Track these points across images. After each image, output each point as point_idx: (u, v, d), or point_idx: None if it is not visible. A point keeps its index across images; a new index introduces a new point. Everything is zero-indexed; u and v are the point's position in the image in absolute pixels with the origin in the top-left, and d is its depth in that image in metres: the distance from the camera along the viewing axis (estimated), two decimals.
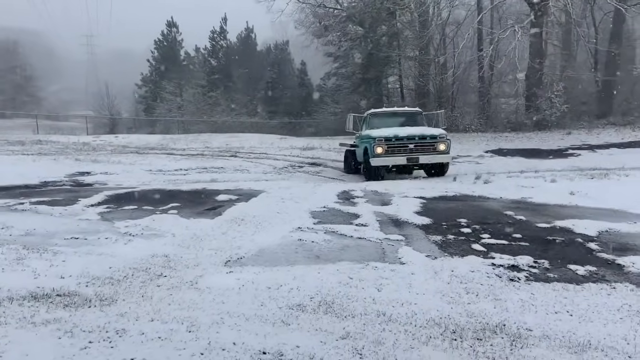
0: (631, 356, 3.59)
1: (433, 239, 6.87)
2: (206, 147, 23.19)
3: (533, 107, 23.67)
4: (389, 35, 30.99)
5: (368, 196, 9.99)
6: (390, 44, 31.12)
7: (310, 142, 24.28)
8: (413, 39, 30.02)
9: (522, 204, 9.12)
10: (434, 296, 4.82)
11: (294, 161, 17.52)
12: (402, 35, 31.29)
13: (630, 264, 5.65)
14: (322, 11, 31.81)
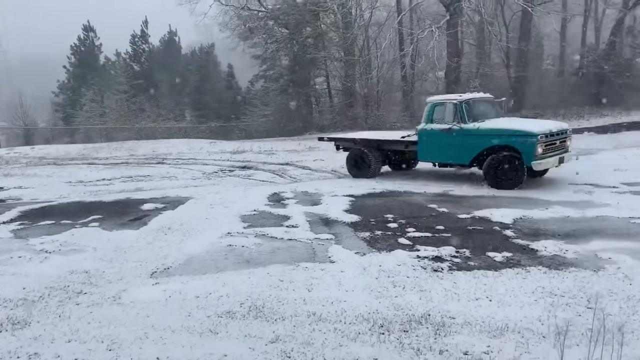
0: (545, 336, 3.82)
1: (362, 235, 7.00)
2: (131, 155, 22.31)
3: None
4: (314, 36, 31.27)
5: (298, 197, 10.02)
6: (316, 45, 31.41)
7: (240, 146, 24.02)
8: (337, 41, 30.49)
9: (445, 196, 9.50)
10: (363, 292, 4.91)
11: (224, 165, 17.24)
12: (327, 36, 31.68)
13: (543, 248, 6.04)
14: (247, 13, 31.53)
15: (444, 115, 10.61)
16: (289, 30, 30.54)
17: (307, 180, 13.07)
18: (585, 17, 30.56)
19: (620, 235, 6.40)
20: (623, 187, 9.38)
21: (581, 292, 4.65)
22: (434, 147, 10.87)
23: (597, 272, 5.19)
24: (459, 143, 10.42)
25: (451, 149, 10.56)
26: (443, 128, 10.57)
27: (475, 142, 10.19)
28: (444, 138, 10.58)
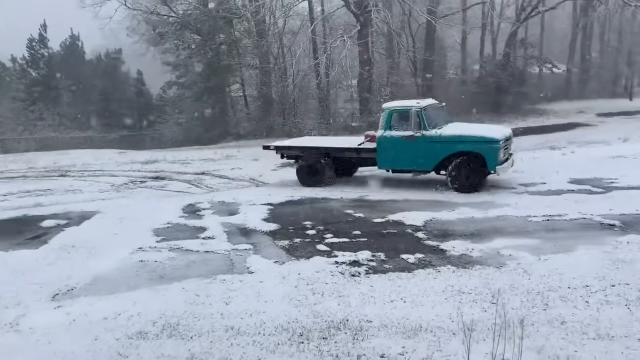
0: (455, 333, 4.01)
1: (280, 244, 6.98)
2: (30, 168, 20.66)
3: (366, 110, 25.57)
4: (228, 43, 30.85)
5: (215, 207, 9.80)
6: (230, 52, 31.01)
7: (153, 155, 23.06)
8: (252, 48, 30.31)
9: (361, 202, 9.73)
10: (283, 301, 4.88)
11: (134, 176, 16.46)
12: (241, 43, 31.40)
13: (451, 248, 6.36)
14: (156, 18, 30.41)
15: (404, 122, 10.48)
16: (202, 37, 29.90)
17: (225, 189, 12.81)
18: (482, 30, 32.87)
19: (519, 233, 6.90)
20: (520, 187, 10.12)
21: (486, 289, 4.94)
22: (395, 154, 10.65)
23: (499, 268, 5.55)
24: (421, 149, 10.34)
25: (413, 155, 10.45)
26: (405, 135, 10.40)
27: (440, 148, 10.22)
28: (406, 145, 10.41)
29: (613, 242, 6.20)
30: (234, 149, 22.69)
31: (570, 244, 6.22)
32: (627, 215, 7.43)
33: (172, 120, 37.18)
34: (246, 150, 21.96)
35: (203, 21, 29.01)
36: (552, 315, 4.31)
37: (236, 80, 33.10)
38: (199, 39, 30.46)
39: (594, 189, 9.41)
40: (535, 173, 11.33)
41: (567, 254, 5.90)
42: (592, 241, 6.31)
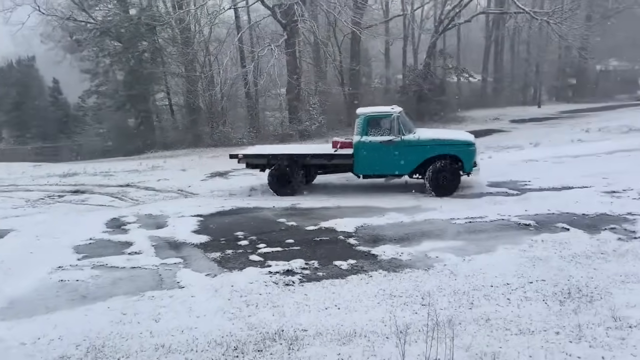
0: (388, 337, 4.10)
1: (212, 256, 6.83)
2: None
3: (296, 119, 25.70)
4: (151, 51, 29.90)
5: (142, 221, 9.43)
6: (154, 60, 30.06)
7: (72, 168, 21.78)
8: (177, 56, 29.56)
9: (293, 210, 9.74)
10: (216, 315, 4.78)
11: (52, 191, 15.48)
12: (166, 51, 30.55)
13: (382, 253, 6.52)
14: (73, 24, 28.93)
15: (380, 127, 10.55)
16: (123, 44, 28.79)
17: (151, 201, 12.36)
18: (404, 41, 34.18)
19: (444, 236, 7.20)
20: None
21: (416, 291, 5.11)
22: (373, 160, 10.60)
23: (428, 270, 5.76)
24: (400, 154, 10.46)
25: (392, 160, 10.52)
26: (383, 140, 10.47)
27: (419, 152, 10.41)
28: (384, 150, 10.47)
29: (529, 241, 6.62)
30: (160, 160, 21.96)
31: (491, 244, 6.58)
32: (540, 215, 7.97)
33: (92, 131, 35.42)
34: (173, 161, 21.35)
35: (124, 28, 27.98)
36: (477, 314, 4.52)
37: (161, 88, 32.12)
38: (119, 46, 29.30)
39: (510, 191, 10.02)
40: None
41: (489, 254, 6.24)
42: (510, 241, 6.71)
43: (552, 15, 24.75)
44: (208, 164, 19.43)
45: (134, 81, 29.53)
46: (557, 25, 24.31)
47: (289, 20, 23.36)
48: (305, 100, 26.20)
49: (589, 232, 6.91)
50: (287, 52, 24.77)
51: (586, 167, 12.28)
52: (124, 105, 30.95)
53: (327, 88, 28.01)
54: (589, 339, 3.90)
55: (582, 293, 4.88)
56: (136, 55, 29.14)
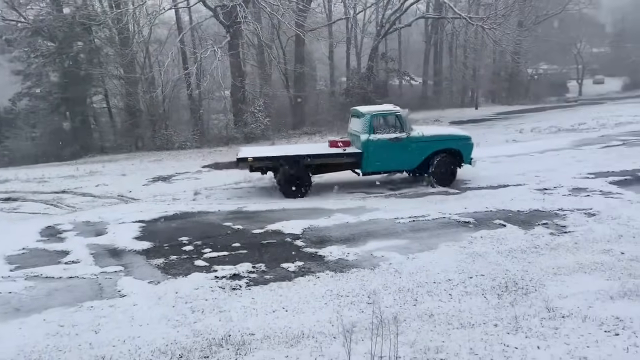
0: (336, 336, 4.15)
1: (155, 263, 6.64)
2: None
3: (241, 121, 25.42)
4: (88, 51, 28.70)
5: (79, 228, 9.03)
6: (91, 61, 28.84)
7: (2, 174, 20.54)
8: (115, 57, 28.54)
9: (239, 213, 9.63)
10: (160, 323, 4.65)
11: None
12: (103, 52, 29.42)
13: (329, 254, 6.57)
14: (2, 24, 27.35)
15: (386, 125, 10.77)
16: (57, 44, 27.48)
17: (89, 208, 11.85)
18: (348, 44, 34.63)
19: (389, 235, 7.36)
20: (388, 192, 10.80)
21: (362, 290, 5.18)
22: (382, 157, 10.71)
23: (373, 269, 5.86)
24: (407, 150, 10.75)
25: (399, 156, 10.77)
26: (391, 137, 10.67)
27: (424, 147, 10.86)
28: (392, 147, 10.66)
29: (469, 238, 6.88)
30: (99, 164, 21.11)
31: (433, 242, 6.79)
32: (478, 213, 8.30)
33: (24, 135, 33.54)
34: (112, 165, 20.57)
35: (57, 27, 26.70)
36: (421, 310, 4.65)
37: (99, 90, 30.89)
38: (53, 47, 27.95)
39: (451, 191, 10.37)
40: (402, 177, 12.17)
41: (431, 251, 6.43)
42: (451, 238, 6.95)
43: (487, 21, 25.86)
44: (150, 168, 18.87)
45: (70, 83, 28.21)
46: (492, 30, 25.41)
47: (231, 22, 23.09)
48: (250, 103, 25.99)
49: (523, 228, 7.26)
50: (231, 54, 24.49)
51: (520, 166, 12.90)
52: (58, 108, 29.51)
53: (272, 90, 27.93)
54: (525, 330, 4.10)
55: (518, 286, 5.12)
56: (71, 55, 27.88)
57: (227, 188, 12.80)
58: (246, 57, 28.04)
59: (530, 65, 43.69)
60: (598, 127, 21.42)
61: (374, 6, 33.53)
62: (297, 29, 24.09)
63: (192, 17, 28.45)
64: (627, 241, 6.46)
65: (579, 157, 13.61)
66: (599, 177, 10.76)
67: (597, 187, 9.73)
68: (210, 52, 22.16)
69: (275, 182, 11.29)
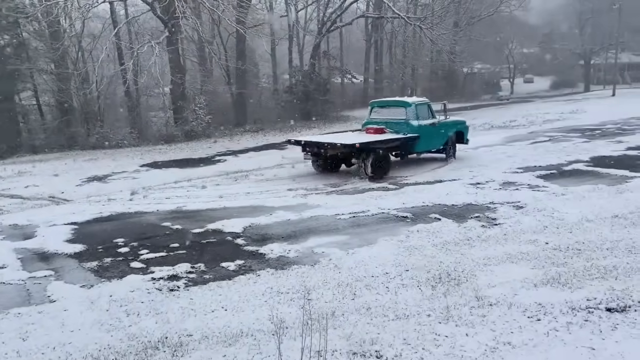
0: (274, 334, 4.16)
1: (88, 266, 6.40)
2: None
3: (181, 119, 24.87)
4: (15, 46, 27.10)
5: (5, 232, 8.55)
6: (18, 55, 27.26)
7: None
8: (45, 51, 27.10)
9: (178, 213, 9.44)
10: (92, 328, 4.50)
11: None
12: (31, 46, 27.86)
13: (270, 251, 6.58)
14: None
15: (424, 112, 12.99)
16: None
17: (17, 211, 11.23)
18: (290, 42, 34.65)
19: (330, 231, 7.46)
20: (329, 188, 10.93)
21: (302, 287, 5.23)
22: (426, 139, 12.86)
23: (314, 266, 5.93)
24: (438, 133, 13.23)
25: (434, 138, 13.20)
26: (430, 123, 12.97)
27: (446, 131, 13.54)
28: (430, 131, 12.93)
29: (406, 232, 7.10)
30: (29, 164, 20.01)
31: (373, 237, 6.95)
32: (416, 208, 8.57)
33: None
34: (43, 165, 19.56)
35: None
36: (359, 304, 4.76)
37: (27, 86, 29.22)
38: None
39: (390, 186, 10.63)
40: (342, 175, 12.35)
41: (370, 246, 6.58)
42: (389, 232, 7.14)
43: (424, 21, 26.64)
44: (84, 167, 18.11)
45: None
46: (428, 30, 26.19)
47: (170, 17, 22.52)
48: (190, 100, 25.45)
49: (457, 221, 7.57)
50: (170, 50, 23.89)
51: (454, 161, 13.42)
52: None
53: (213, 87, 27.48)
54: (455, 319, 4.29)
55: (451, 277, 5.34)
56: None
57: (167, 187, 12.52)
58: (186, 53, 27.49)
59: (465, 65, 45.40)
60: (527, 124, 22.61)
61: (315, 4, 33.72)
62: (237, 25, 23.83)
63: (128, 10, 27.52)
64: (551, 232, 6.88)
65: (509, 152, 14.33)
66: (527, 171, 11.37)
67: (525, 181, 10.29)
68: (147, 47, 21.54)
69: (361, 166, 12.02)
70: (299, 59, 35.63)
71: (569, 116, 25.23)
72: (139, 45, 22.77)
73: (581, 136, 17.29)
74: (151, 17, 25.38)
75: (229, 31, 27.92)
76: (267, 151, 19.08)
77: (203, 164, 17.15)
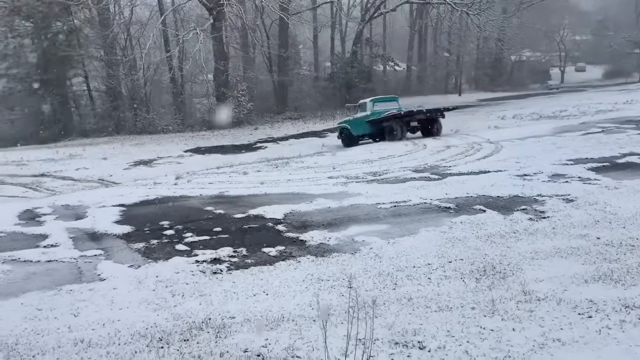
0: (315, 320, 4.17)
1: (135, 247, 6.60)
2: None
3: (223, 105, 25.24)
4: (67, 32, 28.09)
5: (58, 212, 8.93)
6: (70, 42, 28.26)
7: None
8: (95, 38, 27.98)
9: (221, 198, 9.60)
10: (139, 307, 4.64)
11: None
12: (82, 33, 28.81)
13: (310, 238, 6.59)
14: None
15: None
16: (35, 24, 26.80)
17: (69, 192, 11.72)
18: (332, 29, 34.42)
19: (370, 220, 7.40)
20: (370, 177, 10.85)
21: (343, 274, 5.22)
22: None
23: (354, 254, 5.90)
24: None
25: None
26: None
27: None
28: None
29: (449, 223, 6.95)
30: (79, 148, 20.82)
31: (414, 227, 6.84)
32: (459, 198, 8.38)
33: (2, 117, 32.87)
34: (93, 149, 20.31)
35: (35, 7, 26.02)
36: (400, 294, 4.70)
37: (78, 72, 30.29)
38: (31, 27, 27.26)
39: (432, 176, 10.45)
40: (383, 164, 12.23)
41: (412, 236, 6.48)
42: (431, 223, 7.01)
43: (471, 7, 25.89)
44: (131, 152, 18.69)
45: (48, 64, 27.63)
46: (476, 16, 25.45)
47: (214, 4, 22.77)
48: (233, 87, 25.75)
49: (502, 213, 7.36)
50: (214, 37, 24.19)
51: (501, 152, 13.05)
52: (37, 90, 28.91)
53: (255, 74, 27.70)
54: (501, 313, 4.18)
55: (496, 270, 5.20)
56: (50, 36, 27.25)
57: (209, 172, 12.74)
58: (229, 40, 27.74)
59: (513, 52, 43.89)
60: (579, 114, 21.71)
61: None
62: (280, 12, 23.86)
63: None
64: (604, 227, 6.58)
65: (559, 143, 13.80)
66: (578, 163, 10.92)
67: (576, 174, 9.88)
68: (192, 34, 21.91)
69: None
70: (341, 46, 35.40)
71: (623, 107, 24.04)
72: (185, 33, 23.20)
73: (636, 128, 16.46)
74: (196, 5, 25.75)
75: (272, 18, 28.01)
76: (307, 139, 19.13)
77: (244, 150, 17.38)
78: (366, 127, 16.91)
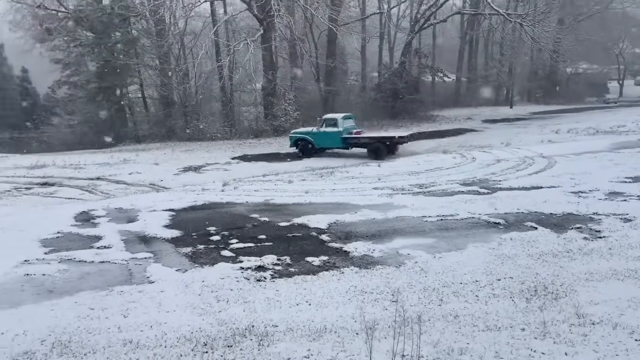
0: (358, 333, 4.13)
1: (183, 251, 6.76)
2: None
3: (271, 114, 25.59)
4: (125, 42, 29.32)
5: (112, 214, 9.27)
6: (127, 51, 29.48)
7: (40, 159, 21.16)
8: (151, 48, 29.07)
9: (266, 206, 9.71)
10: (185, 311, 4.74)
11: (19, 183, 15.05)
12: (139, 43, 30.00)
13: (354, 249, 6.55)
14: (44, 13, 28.17)
15: None
16: (95, 34, 28.13)
17: (122, 195, 12.15)
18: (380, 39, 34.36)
19: (416, 233, 7.28)
20: (416, 189, 10.69)
21: (387, 288, 5.15)
22: None
23: (399, 267, 5.82)
24: None
25: None
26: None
27: None
28: None
29: (498, 239, 6.75)
30: (132, 153, 21.60)
31: (461, 242, 6.68)
32: (509, 214, 8.13)
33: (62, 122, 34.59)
34: (145, 154, 21.02)
35: (97, 18, 27.31)
36: (446, 310, 4.59)
37: (134, 80, 31.51)
38: (92, 37, 28.62)
39: (481, 190, 10.18)
40: (429, 176, 12.03)
41: (459, 251, 6.33)
42: (480, 239, 6.82)
43: (525, 18, 25.23)
44: (181, 158, 19.21)
45: (107, 72, 28.90)
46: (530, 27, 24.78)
47: (265, 15, 23.20)
48: (281, 96, 26.08)
49: (556, 231, 7.08)
50: (263, 47, 24.61)
51: (555, 167, 12.58)
52: (95, 97, 30.25)
53: (302, 84, 27.95)
54: (553, 336, 4.01)
55: (547, 290, 5.00)
56: (109, 46, 28.51)
57: (255, 180, 12.90)
58: (278, 50, 28.15)
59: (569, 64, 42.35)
60: (638, 130, 20.68)
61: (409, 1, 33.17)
62: (330, 23, 24.03)
63: (227, 9, 28.71)
64: None
65: (617, 160, 13.18)
66: (637, 181, 10.39)
67: (635, 192, 9.40)
68: (243, 44, 22.36)
69: None
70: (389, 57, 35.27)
71: None
72: (236, 43, 23.70)
73: None
74: (248, 16, 26.30)
75: (321, 29, 28.22)
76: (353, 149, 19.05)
77: (290, 159, 17.50)
78: (337, 141, 17.75)
